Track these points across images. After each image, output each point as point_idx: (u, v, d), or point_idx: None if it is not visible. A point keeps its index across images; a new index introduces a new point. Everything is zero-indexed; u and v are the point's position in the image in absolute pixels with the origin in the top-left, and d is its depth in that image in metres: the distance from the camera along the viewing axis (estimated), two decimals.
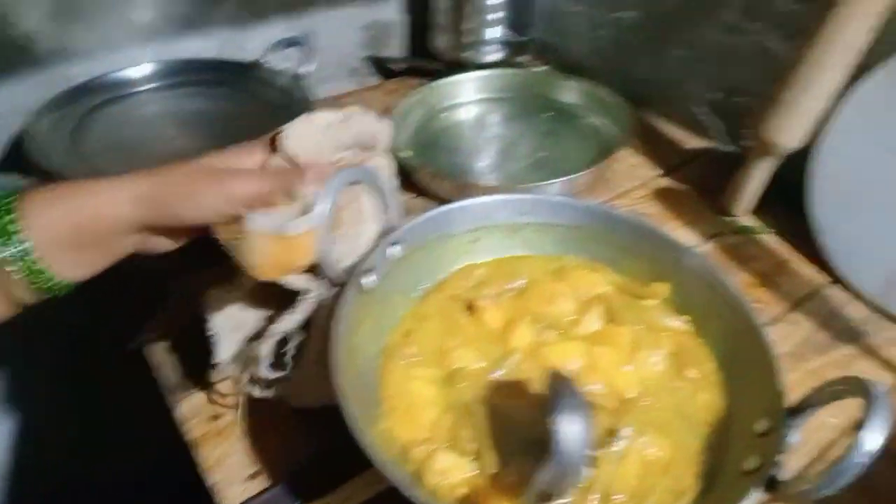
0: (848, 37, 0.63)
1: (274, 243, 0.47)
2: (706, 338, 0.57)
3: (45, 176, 0.70)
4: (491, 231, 0.63)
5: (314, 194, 0.49)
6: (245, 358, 0.54)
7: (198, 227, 0.48)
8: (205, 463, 0.53)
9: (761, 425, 0.47)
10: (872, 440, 0.38)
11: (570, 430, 0.39)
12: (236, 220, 0.46)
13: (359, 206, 0.56)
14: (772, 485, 0.42)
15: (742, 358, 0.53)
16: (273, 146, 0.53)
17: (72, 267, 0.46)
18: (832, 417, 0.55)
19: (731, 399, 0.53)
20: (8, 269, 0.43)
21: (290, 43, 0.94)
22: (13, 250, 0.43)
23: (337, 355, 0.47)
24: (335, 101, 1.01)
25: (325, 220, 0.49)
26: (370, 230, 0.57)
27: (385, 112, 0.94)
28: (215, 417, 0.56)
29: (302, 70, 0.90)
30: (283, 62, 0.94)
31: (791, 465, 0.43)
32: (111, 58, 0.87)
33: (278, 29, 0.99)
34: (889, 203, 0.65)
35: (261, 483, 0.51)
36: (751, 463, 0.45)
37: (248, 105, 0.85)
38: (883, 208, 0.66)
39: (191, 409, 0.57)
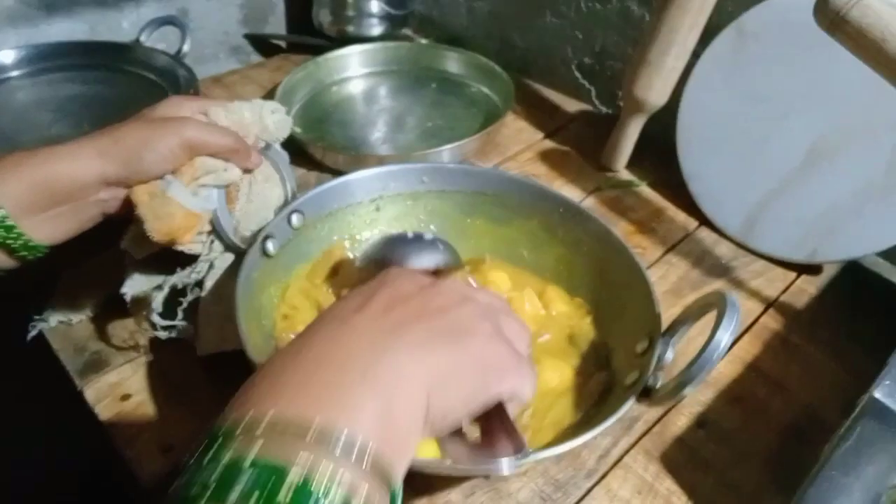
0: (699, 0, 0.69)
1: (183, 213, 0.51)
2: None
3: None
4: (393, 199, 0.65)
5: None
6: (144, 304, 0.56)
7: (154, 177, 0.50)
8: (118, 440, 0.52)
9: (641, 346, 0.53)
10: (724, 338, 0.44)
11: None
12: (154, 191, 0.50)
13: (253, 177, 0.59)
14: (646, 393, 0.48)
15: (626, 295, 0.58)
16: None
17: (46, 229, 0.47)
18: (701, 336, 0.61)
19: (618, 331, 0.58)
20: None
21: (165, 22, 0.92)
22: None
23: (241, 310, 0.49)
24: (219, 80, 1.00)
25: (223, 200, 0.56)
26: (273, 199, 0.60)
27: (272, 89, 0.94)
28: (125, 398, 0.56)
29: (179, 49, 0.88)
30: (158, 42, 0.92)
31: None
32: None
33: (150, 8, 0.96)
34: (745, 147, 0.72)
35: (177, 454, 0.52)
36: (632, 378, 0.50)
37: (126, 87, 0.83)
38: (740, 153, 0.73)
39: (99, 391, 0.56)
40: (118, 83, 0.84)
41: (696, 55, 0.74)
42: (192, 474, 0.25)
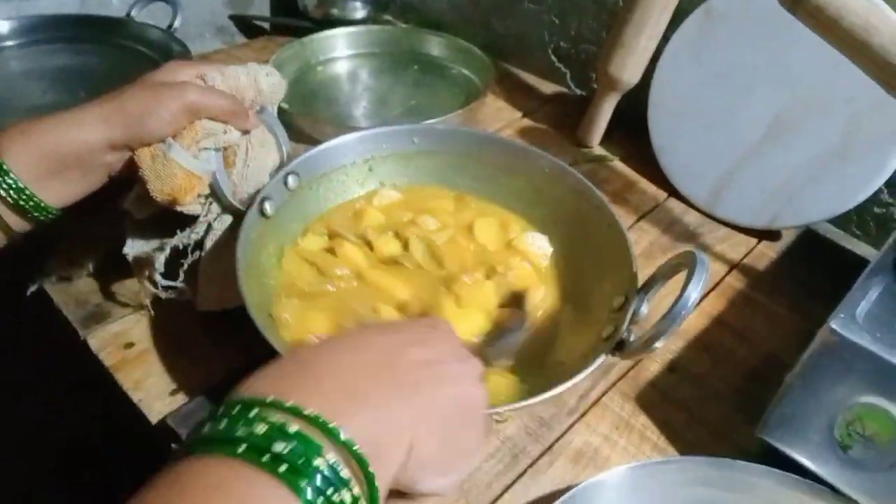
0: None
1: (183, 174, 0.54)
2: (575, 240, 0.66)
3: None
4: (385, 160, 0.68)
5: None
6: (145, 264, 0.58)
7: (157, 140, 0.52)
8: (125, 384, 0.55)
9: (618, 302, 0.56)
10: (693, 294, 0.47)
11: None
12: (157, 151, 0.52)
13: (249, 141, 0.61)
14: (620, 346, 0.51)
15: (605, 253, 0.62)
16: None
17: (57, 191, 0.50)
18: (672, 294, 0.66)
19: (597, 287, 0.62)
20: None
21: None
22: (2, 182, 0.46)
23: (241, 269, 0.52)
24: (205, 59, 1.02)
25: (221, 162, 0.57)
26: (269, 163, 0.62)
27: None
28: (128, 345, 0.58)
29: (171, 24, 0.90)
30: (146, 19, 0.94)
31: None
32: None
33: None
34: (712, 122, 0.77)
35: (182, 398, 0.54)
36: (608, 331, 0.54)
37: (119, 59, 0.85)
38: (706, 128, 0.78)
39: (103, 339, 0.58)
40: (111, 56, 0.86)
41: (665, 38, 0.79)
42: (233, 421, 0.29)
